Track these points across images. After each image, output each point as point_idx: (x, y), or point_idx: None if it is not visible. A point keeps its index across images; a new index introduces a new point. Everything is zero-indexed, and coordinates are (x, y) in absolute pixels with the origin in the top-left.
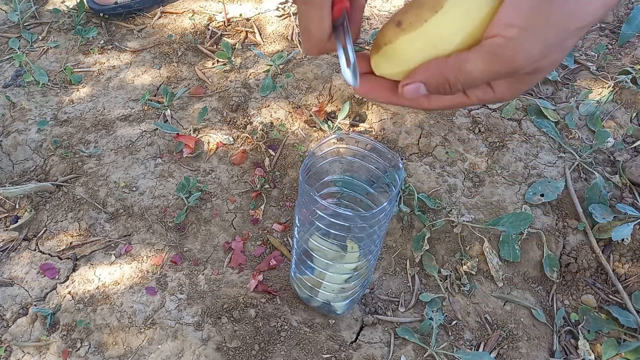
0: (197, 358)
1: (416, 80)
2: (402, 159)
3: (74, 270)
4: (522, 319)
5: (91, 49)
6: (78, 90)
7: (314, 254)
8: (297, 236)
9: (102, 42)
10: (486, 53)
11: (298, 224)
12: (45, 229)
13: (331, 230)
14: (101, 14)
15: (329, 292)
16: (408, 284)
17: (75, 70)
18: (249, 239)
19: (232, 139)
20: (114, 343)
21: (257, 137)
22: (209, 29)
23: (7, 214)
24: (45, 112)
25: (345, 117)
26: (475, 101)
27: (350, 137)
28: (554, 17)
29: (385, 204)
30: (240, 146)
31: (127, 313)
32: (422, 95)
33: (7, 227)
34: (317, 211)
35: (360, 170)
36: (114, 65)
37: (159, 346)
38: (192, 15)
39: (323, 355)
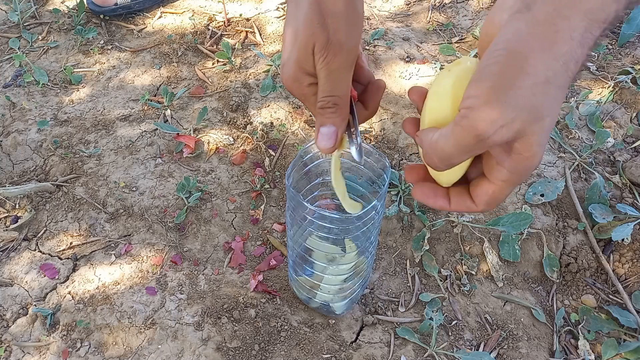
0: (197, 358)
1: (419, 135)
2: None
3: (74, 270)
4: (522, 319)
5: (91, 49)
6: (78, 90)
7: (312, 255)
8: (291, 238)
9: (102, 42)
10: (452, 126)
11: (290, 227)
12: (45, 229)
13: (326, 232)
14: (101, 15)
15: (327, 293)
16: (408, 284)
17: (75, 70)
18: (249, 239)
19: (232, 139)
20: (114, 343)
21: (257, 137)
22: (209, 29)
23: (7, 214)
24: (45, 112)
25: None
26: (509, 189)
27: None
28: (504, 80)
29: (375, 202)
30: (240, 146)
31: (127, 313)
32: (469, 200)
33: (7, 227)
34: (307, 215)
35: (353, 172)
36: (114, 65)
37: (159, 346)
38: (192, 15)
39: (323, 355)
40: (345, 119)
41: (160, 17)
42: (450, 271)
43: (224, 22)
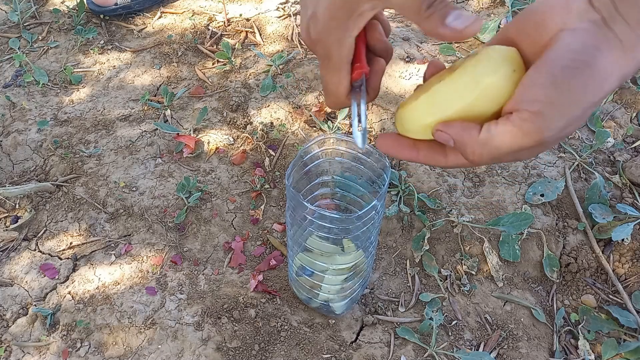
0: (197, 358)
1: (449, 132)
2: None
3: (74, 270)
4: (522, 319)
5: (91, 49)
6: (78, 90)
7: (312, 255)
8: (291, 238)
9: (102, 42)
10: (512, 128)
11: (290, 227)
12: (45, 229)
13: (327, 231)
14: (101, 15)
15: (328, 293)
16: (408, 284)
17: (75, 70)
18: (249, 239)
19: (232, 139)
20: (114, 343)
21: (257, 137)
22: (209, 29)
23: (7, 214)
24: (45, 112)
25: (345, 117)
26: (491, 162)
27: (340, 139)
28: (576, 92)
29: (375, 201)
30: (240, 146)
31: (127, 313)
32: (440, 154)
33: (7, 227)
34: (307, 215)
35: (353, 171)
36: (114, 65)
37: (159, 346)
38: (192, 15)
39: (323, 355)
40: None
41: (160, 17)
42: (450, 271)
43: (224, 22)
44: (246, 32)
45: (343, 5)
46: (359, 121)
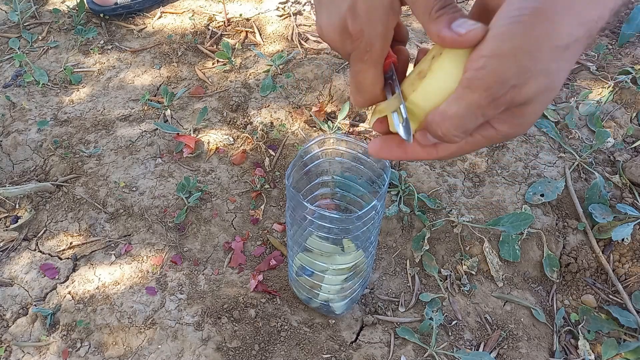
0: (197, 358)
1: (424, 129)
2: (394, 160)
3: (74, 270)
4: (522, 319)
5: (91, 49)
6: (78, 90)
7: (312, 255)
8: (291, 238)
9: (102, 42)
10: (460, 90)
11: (290, 227)
12: (45, 229)
13: (327, 231)
14: (101, 15)
15: (328, 293)
16: (408, 284)
17: (75, 70)
18: (249, 239)
19: (232, 139)
20: (114, 343)
21: (257, 137)
22: (209, 29)
23: (7, 214)
24: (45, 112)
25: (345, 117)
26: (482, 142)
27: (340, 139)
28: (525, 40)
29: (375, 201)
30: (240, 146)
31: (127, 313)
32: (430, 145)
33: (7, 227)
34: (307, 215)
35: (353, 171)
36: (114, 65)
37: (159, 346)
38: (192, 15)
39: (323, 355)
40: None
41: (160, 17)
42: (450, 271)
43: (224, 22)
44: (246, 32)
45: None
46: (401, 111)
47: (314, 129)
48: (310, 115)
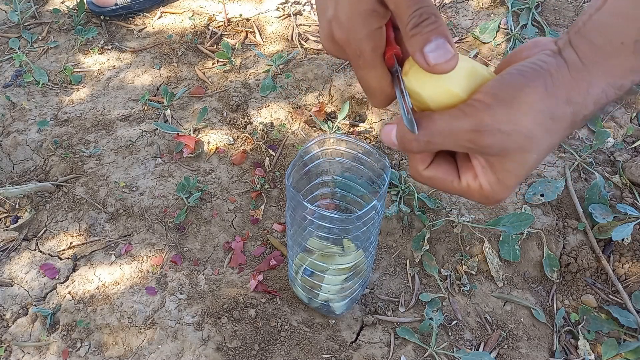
0: (197, 358)
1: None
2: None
3: (74, 270)
4: (522, 319)
5: (91, 49)
6: (78, 90)
7: (312, 255)
8: (291, 238)
9: (102, 42)
10: (457, 111)
11: (290, 227)
12: (45, 229)
13: (327, 232)
14: (101, 17)
15: (328, 293)
16: (408, 284)
17: (75, 70)
18: (249, 239)
19: (232, 139)
20: (114, 343)
21: (257, 137)
22: (209, 29)
23: (7, 214)
24: (45, 112)
25: (345, 117)
26: (467, 192)
27: (340, 139)
28: (519, 89)
29: (375, 201)
30: (240, 146)
31: (127, 313)
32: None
33: (7, 227)
34: (307, 215)
35: (353, 171)
36: (114, 65)
37: (159, 346)
38: (192, 15)
39: (323, 355)
40: None
41: (160, 17)
42: (450, 271)
43: (224, 22)
44: (246, 32)
45: None
46: (406, 105)
47: (314, 129)
48: (310, 115)
